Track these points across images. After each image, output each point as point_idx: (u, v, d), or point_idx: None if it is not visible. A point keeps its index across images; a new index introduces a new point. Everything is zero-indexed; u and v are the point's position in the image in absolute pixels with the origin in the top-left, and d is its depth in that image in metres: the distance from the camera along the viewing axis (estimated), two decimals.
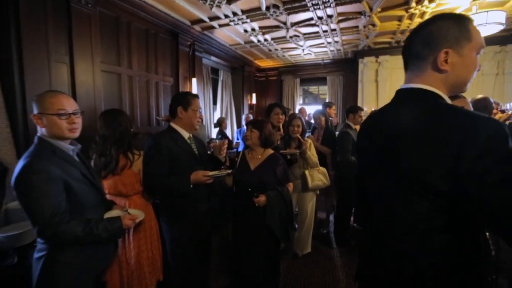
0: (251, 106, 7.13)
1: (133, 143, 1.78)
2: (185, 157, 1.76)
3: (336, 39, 4.91)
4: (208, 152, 2.20)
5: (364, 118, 3.51)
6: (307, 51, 5.80)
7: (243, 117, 6.04)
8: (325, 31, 4.47)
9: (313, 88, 8.89)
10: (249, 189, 1.98)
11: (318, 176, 2.81)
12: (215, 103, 6.21)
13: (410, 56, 0.87)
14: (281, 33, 4.60)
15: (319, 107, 4.20)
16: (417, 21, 4.00)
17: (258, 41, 5.06)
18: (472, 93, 4.72)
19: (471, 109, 3.09)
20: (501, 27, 3.20)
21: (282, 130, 2.65)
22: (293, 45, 5.36)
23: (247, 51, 5.88)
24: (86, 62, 2.77)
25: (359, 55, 5.77)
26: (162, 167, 1.66)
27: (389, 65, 5.53)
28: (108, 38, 3.10)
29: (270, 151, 2.16)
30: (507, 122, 3.06)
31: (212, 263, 2.56)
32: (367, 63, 5.70)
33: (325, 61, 6.60)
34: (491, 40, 4.79)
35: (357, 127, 3.60)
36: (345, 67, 6.61)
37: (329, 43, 5.13)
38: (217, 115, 6.21)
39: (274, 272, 2.16)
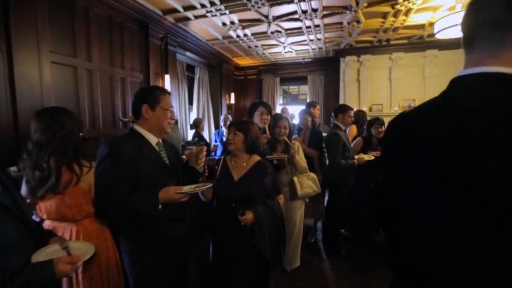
0: (229, 106, 6.77)
1: (81, 151, 1.37)
2: (152, 169, 1.38)
3: (319, 36, 4.71)
4: (183, 156, 1.82)
5: (353, 118, 3.32)
6: (288, 48, 5.57)
7: (221, 117, 5.68)
8: (308, 27, 4.25)
9: (292, 88, 8.74)
10: (233, 204, 1.65)
11: (307, 183, 2.54)
12: (191, 103, 5.78)
13: (480, 26, 0.60)
14: (262, 27, 4.31)
15: (300, 107, 3.94)
16: (401, 18, 3.90)
17: (237, 36, 4.73)
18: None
19: None
20: None
21: (268, 132, 2.34)
22: (274, 42, 5.10)
23: (225, 47, 5.53)
24: (29, 51, 2.27)
25: (340, 54, 5.65)
26: (121, 182, 1.27)
27: (370, 64, 5.46)
28: (60, 24, 2.60)
29: (256, 158, 1.85)
30: None
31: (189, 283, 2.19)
32: (348, 62, 5.59)
33: (306, 59, 6.42)
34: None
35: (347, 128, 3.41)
36: (326, 66, 6.48)
37: (311, 40, 4.93)
38: (193, 115, 5.78)
39: None
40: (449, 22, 3.31)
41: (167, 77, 4.10)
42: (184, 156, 1.70)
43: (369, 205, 3.43)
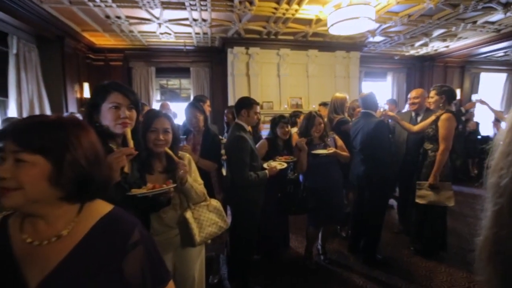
0: (81, 102, 4.83)
1: None
2: None
3: (204, 15, 3.82)
4: None
5: (259, 116, 2.64)
6: (165, 28, 4.38)
7: None
8: None
9: (172, 83, 7.51)
10: None
11: (209, 218, 1.62)
12: (5, 94, 3.60)
13: None
14: None
15: (182, 106, 2.86)
16: (294, 8, 3.59)
17: None
18: (329, 93, 4.95)
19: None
20: (372, 24, 3.24)
21: (131, 143, 1.22)
22: (144, 15, 3.80)
23: (68, 11, 3.70)
24: None
25: (228, 44, 4.99)
26: None
27: (259, 58, 5.09)
28: None
29: (100, 209, 0.76)
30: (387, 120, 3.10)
31: None
32: (237, 54, 5.01)
33: (188, 47, 5.39)
34: (340, 45, 5.30)
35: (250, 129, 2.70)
36: (212, 58, 5.70)
37: (195, 20, 3.97)
38: (11, 113, 3.62)
39: None
40: (340, 16, 3.21)
41: None
42: None
43: (278, 219, 2.89)
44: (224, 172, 2.82)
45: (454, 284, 2.42)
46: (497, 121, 5.98)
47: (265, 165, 2.36)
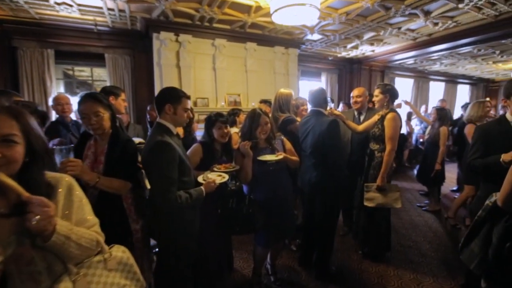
0: None
1: None
2: None
3: None
4: None
5: (190, 114, 2.03)
6: None
7: None
8: None
9: (86, 73, 6.16)
10: None
11: (108, 283, 0.97)
12: None
13: None
14: None
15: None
16: None
17: None
18: (269, 90, 4.64)
19: None
20: (316, 15, 2.99)
21: None
22: None
23: None
24: None
25: (153, 28, 4.14)
26: None
27: (192, 48, 4.40)
28: None
29: None
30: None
31: None
32: (164, 41, 4.21)
33: (99, 27, 4.30)
34: (279, 41, 5.04)
35: (180, 130, 2.09)
36: (134, 43, 4.72)
37: None
38: None
39: None
40: (284, 1, 2.86)
41: None
42: None
43: (219, 240, 2.36)
44: (147, 184, 2.12)
45: None
46: (408, 120, 6.76)
47: (200, 179, 1.80)
